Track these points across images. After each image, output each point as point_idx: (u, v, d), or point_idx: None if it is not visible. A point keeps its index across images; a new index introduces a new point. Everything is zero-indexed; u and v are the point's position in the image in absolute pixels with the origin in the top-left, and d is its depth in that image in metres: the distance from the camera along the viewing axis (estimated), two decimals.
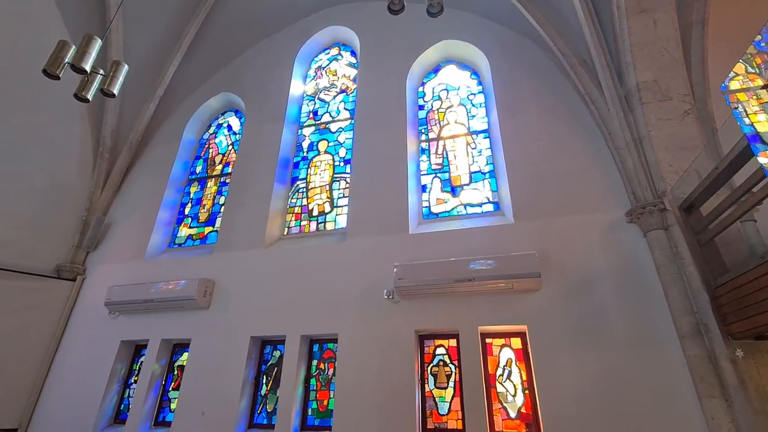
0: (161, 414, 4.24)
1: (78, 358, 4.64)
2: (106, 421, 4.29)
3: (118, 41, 5.45)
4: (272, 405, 3.98)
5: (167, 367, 4.47)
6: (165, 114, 6.22)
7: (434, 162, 4.82)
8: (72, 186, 5.45)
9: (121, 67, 3.71)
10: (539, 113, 4.40)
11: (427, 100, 5.31)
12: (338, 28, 6.16)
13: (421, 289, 3.70)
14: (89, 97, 3.66)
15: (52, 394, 4.52)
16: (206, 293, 4.39)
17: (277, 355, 4.21)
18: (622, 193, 3.72)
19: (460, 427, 3.39)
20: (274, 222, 4.86)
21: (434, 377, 3.67)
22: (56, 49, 3.39)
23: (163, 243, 5.33)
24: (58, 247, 5.19)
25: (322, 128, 5.58)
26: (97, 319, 4.77)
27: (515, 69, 4.78)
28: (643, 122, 3.57)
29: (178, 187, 5.76)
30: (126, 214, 5.57)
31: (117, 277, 4.97)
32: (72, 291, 5.05)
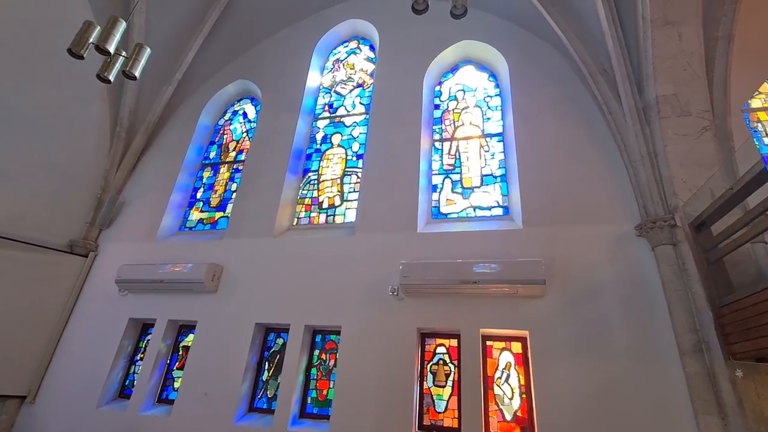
0: (165, 392, 4.36)
1: (86, 332, 4.77)
2: (111, 395, 4.41)
3: (140, 23, 5.50)
4: (273, 391, 4.07)
5: (173, 347, 4.58)
6: (182, 98, 6.29)
7: (446, 162, 4.84)
8: (88, 163, 5.55)
9: (143, 50, 3.78)
10: (555, 120, 4.39)
11: (443, 99, 5.30)
12: (358, 21, 6.15)
13: (425, 288, 3.74)
14: (111, 78, 3.73)
15: (61, 365, 4.65)
16: (214, 277, 4.48)
17: (280, 342, 4.29)
18: (633, 207, 3.71)
19: (456, 425, 3.45)
20: (284, 212, 4.92)
21: (433, 375, 3.72)
22: (81, 29, 3.45)
23: (174, 225, 5.42)
24: (73, 222, 5.31)
25: (337, 121, 5.61)
26: (107, 296, 4.89)
27: (534, 74, 4.76)
28: (660, 136, 3.55)
29: (191, 171, 5.84)
30: (139, 194, 5.66)
31: (128, 255, 5.08)
32: (84, 266, 5.16)
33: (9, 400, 4.48)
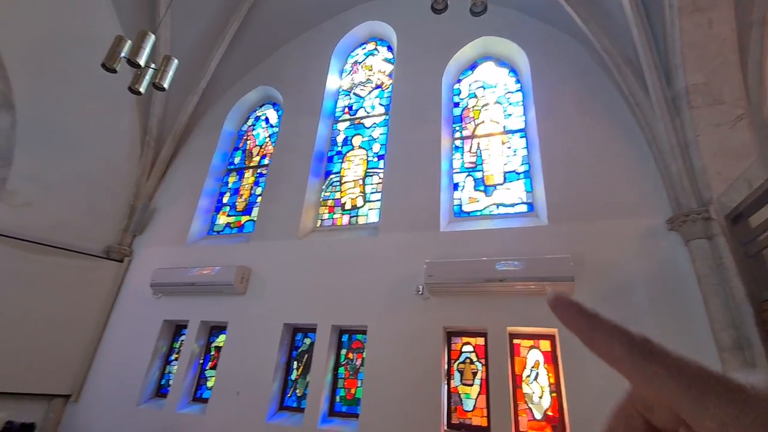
0: (199, 391, 4.51)
1: (124, 334, 4.99)
2: (149, 394, 4.60)
3: (166, 36, 5.70)
4: (302, 390, 4.15)
5: (205, 347, 4.73)
6: (206, 106, 6.48)
7: (468, 160, 4.82)
8: (121, 172, 5.80)
9: (171, 61, 3.92)
10: (579, 113, 4.31)
11: (462, 97, 5.28)
12: (376, 23, 6.19)
13: (450, 287, 3.75)
14: (142, 90, 3.89)
15: (101, 366, 4.88)
16: (243, 280, 4.60)
17: (307, 342, 4.37)
18: (663, 200, 3.61)
19: (485, 424, 3.44)
20: (308, 214, 5.01)
21: (460, 374, 3.72)
22: (113, 44, 3.62)
23: (202, 230, 5.60)
24: (108, 229, 5.56)
25: (357, 123, 5.67)
26: (142, 299, 5.10)
27: (555, 67, 4.68)
28: (691, 127, 3.44)
29: (217, 177, 6.01)
30: (169, 200, 5.87)
31: (160, 260, 5.28)
32: (120, 271, 5.40)
33: (55, 399, 4.73)
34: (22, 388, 4.49)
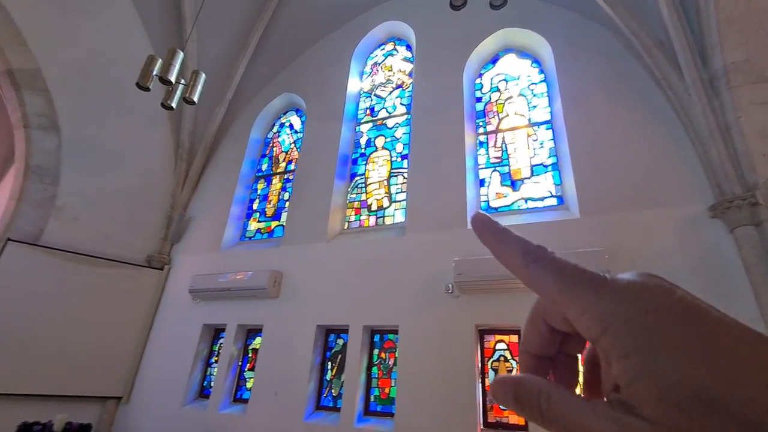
0: (239, 392, 4.68)
1: (167, 338, 5.24)
2: (193, 395, 4.82)
3: (193, 51, 5.93)
4: (337, 389, 4.23)
5: (242, 350, 4.90)
6: (233, 116, 6.69)
7: (493, 155, 4.75)
8: (157, 184, 6.09)
9: (199, 76, 4.07)
10: (608, 101, 4.16)
11: (484, 91, 5.21)
12: (393, 22, 6.20)
13: (481, 284, 3.71)
14: (174, 105, 4.06)
15: (148, 368, 5.15)
16: (275, 283, 4.73)
17: (340, 343, 4.45)
18: (703, 186, 3.43)
19: (523, 422, 3.39)
20: (335, 216, 5.09)
21: (495, 372, 3.69)
22: (146, 64, 3.80)
23: (235, 236, 5.80)
24: (148, 239, 5.85)
25: (379, 124, 5.70)
26: (182, 304, 5.33)
27: (581, 55, 4.54)
28: (732, 107, 3.26)
29: (247, 184, 6.20)
30: (203, 209, 6.11)
31: (197, 266, 5.50)
32: (161, 279, 5.67)
33: (108, 401, 5.03)
34: (79, 391, 4.81)
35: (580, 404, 0.21)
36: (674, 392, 0.18)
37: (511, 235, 0.26)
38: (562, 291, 0.23)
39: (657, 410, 0.18)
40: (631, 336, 0.20)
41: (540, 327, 0.27)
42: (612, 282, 0.22)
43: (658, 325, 0.19)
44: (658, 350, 0.19)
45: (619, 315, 0.20)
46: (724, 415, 0.17)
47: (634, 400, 0.19)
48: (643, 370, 0.19)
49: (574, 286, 0.22)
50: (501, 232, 0.26)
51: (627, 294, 0.21)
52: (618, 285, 0.21)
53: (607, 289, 0.21)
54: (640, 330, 0.20)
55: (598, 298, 0.21)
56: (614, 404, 0.20)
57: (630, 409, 0.19)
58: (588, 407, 0.21)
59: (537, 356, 0.28)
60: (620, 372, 0.20)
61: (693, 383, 0.18)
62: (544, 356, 0.28)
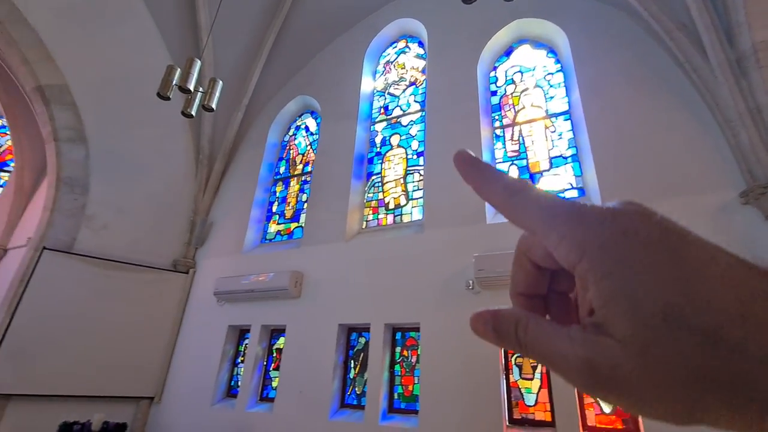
0: (265, 391, 4.78)
1: (195, 339, 5.39)
2: (221, 394, 4.94)
3: (210, 59, 6.07)
4: (360, 388, 4.26)
5: (267, 350, 5.00)
6: (250, 121, 6.82)
7: (510, 149, 4.69)
8: (180, 191, 6.26)
9: (217, 83, 4.17)
10: (629, 88, 4.04)
11: (499, 85, 5.14)
12: (404, 20, 6.19)
13: (502, 280, 3.66)
14: (193, 113, 4.17)
15: (178, 370, 5.32)
16: (297, 284, 4.80)
17: (362, 341, 4.48)
18: (733, 172, 3.29)
19: (549, 419, 3.34)
20: (353, 216, 5.12)
21: (519, 368, 3.64)
22: (165, 74, 3.91)
23: (256, 239, 5.91)
24: (174, 244, 6.02)
25: (394, 122, 5.70)
26: (208, 307, 5.48)
27: (598, 42, 4.42)
28: (763, 88, 3.11)
29: (265, 187, 6.31)
30: (224, 213, 6.26)
31: (221, 269, 5.64)
32: (186, 282, 5.84)
33: (141, 401, 5.22)
34: (114, 391, 5.00)
35: (554, 330, 0.22)
36: (644, 310, 0.18)
37: (492, 170, 0.26)
38: (542, 220, 0.23)
39: (627, 328, 0.19)
40: (608, 259, 0.20)
41: (525, 265, 0.28)
42: (591, 209, 0.22)
43: (634, 247, 0.20)
44: (632, 271, 0.19)
45: (597, 239, 0.21)
46: (690, 329, 0.18)
47: (606, 321, 0.20)
48: (616, 291, 0.19)
49: (554, 215, 0.23)
50: (483, 168, 0.26)
51: (605, 219, 0.21)
52: (597, 211, 0.22)
53: (585, 216, 0.22)
54: (616, 253, 0.20)
55: (576, 225, 0.22)
56: (587, 327, 0.21)
57: (602, 330, 0.20)
58: (562, 332, 0.22)
59: (528, 296, 0.28)
60: (595, 295, 0.20)
61: (663, 301, 0.18)
62: (536, 295, 0.28)
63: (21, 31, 5.11)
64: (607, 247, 0.20)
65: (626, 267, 0.19)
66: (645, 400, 0.19)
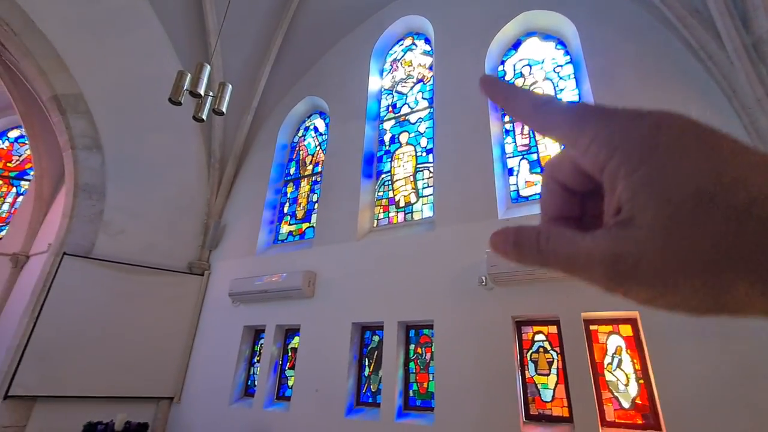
0: (281, 390, 4.83)
1: (212, 340, 5.48)
2: (239, 394, 5.02)
3: (219, 63, 6.14)
4: (375, 385, 4.28)
5: (282, 349, 5.05)
6: (260, 124, 6.88)
7: (520, 143, 4.64)
8: (193, 194, 6.37)
9: (226, 87, 4.21)
10: (641, 78, 3.96)
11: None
12: (410, 17, 6.17)
13: (515, 275, 3.64)
14: (204, 117, 4.23)
15: (196, 370, 5.41)
16: (310, 284, 4.84)
17: (376, 339, 4.50)
18: None
19: (566, 414, 3.31)
20: (364, 215, 5.14)
21: (534, 364, 3.61)
22: (176, 79, 3.96)
23: (268, 240, 5.97)
24: (188, 247, 6.13)
25: (402, 120, 5.69)
26: (223, 308, 5.56)
27: (608, 32, 4.34)
28: None
29: (276, 189, 6.37)
30: (237, 216, 6.34)
31: (235, 271, 5.71)
32: (202, 284, 5.94)
33: (161, 401, 5.33)
34: (135, 392, 5.12)
35: (577, 235, 0.22)
36: (675, 195, 0.18)
37: (519, 88, 0.26)
38: (571, 124, 0.23)
39: (656, 215, 0.19)
40: (640, 151, 0.20)
41: (554, 188, 0.27)
42: (621, 109, 0.22)
43: (667, 137, 0.20)
44: (664, 159, 0.19)
45: (629, 134, 0.21)
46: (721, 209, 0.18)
47: (633, 212, 0.20)
48: (647, 180, 0.19)
49: (583, 118, 0.23)
50: (509, 87, 0.27)
51: (636, 116, 0.21)
52: (628, 110, 0.22)
53: (616, 115, 0.22)
54: (649, 144, 0.20)
55: (607, 124, 0.22)
56: (611, 226, 0.21)
57: (628, 224, 0.20)
58: (585, 236, 0.22)
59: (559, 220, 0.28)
60: (625, 188, 0.20)
61: (695, 185, 0.18)
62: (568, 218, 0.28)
63: (36, 42, 5.24)
64: (640, 140, 0.20)
65: (659, 156, 0.19)
66: (671, 288, 0.19)
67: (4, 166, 8.81)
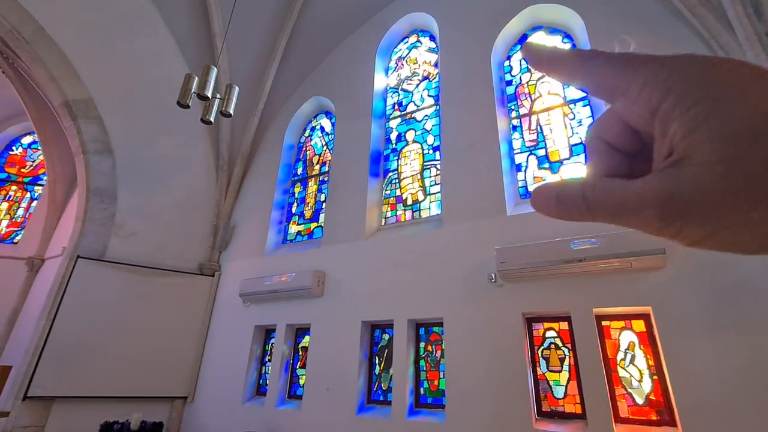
0: (293, 388, 4.87)
1: (223, 340, 5.54)
2: (251, 393, 5.07)
3: (225, 66, 6.19)
4: (386, 383, 4.29)
5: (293, 348, 5.09)
6: (266, 125, 6.92)
7: (528, 139, 4.60)
8: (203, 196, 6.43)
9: (233, 89, 4.24)
10: None
11: (514, 74, 5.05)
12: (414, 14, 6.15)
13: (525, 272, 3.62)
14: (212, 120, 4.26)
15: (208, 370, 5.48)
16: (319, 283, 4.87)
17: (386, 338, 4.50)
18: None
19: (579, 411, 3.29)
20: (371, 214, 5.14)
21: (546, 360, 3.59)
22: (184, 82, 4.00)
23: (277, 240, 6.01)
24: (199, 248, 6.19)
25: (408, 118, 5.68)
26: (234, 308, 5.61)
27: (616, 24, 4.28)
28: None
29: (284, 189, 6.41)
30: (245, 217, 6.39)
31: (244, 271, 5.76)
32: (212, 285, 6.00)
33: (175, 401, 5.41)
34: (150, 392, 5.20)
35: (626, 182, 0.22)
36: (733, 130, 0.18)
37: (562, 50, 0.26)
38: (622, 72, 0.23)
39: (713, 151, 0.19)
40: (696, 88, 0.20)
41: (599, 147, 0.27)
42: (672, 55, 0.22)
43: (723, 74, 0.20)
44: (722, 95, 0.19)
45: (684, 73, 0.21)
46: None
47: (688, 150, 0.19)
48: (704, 116, 0.19)
49: (635, 63, 0.22)
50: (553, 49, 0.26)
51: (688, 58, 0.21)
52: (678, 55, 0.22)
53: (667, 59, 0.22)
54: (704, 82, 0.20)
55: (659, 68, 0.21)
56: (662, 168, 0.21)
57: (682, 163, 0.20)
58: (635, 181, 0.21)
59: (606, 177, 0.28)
60: (680, 127, 0.20)
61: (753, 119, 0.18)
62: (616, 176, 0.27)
63: (47, 49, 5.33)
64: (696, 77, 0.20)
65: (716, 92, 0.19)
66: (726, 225, 0.19)
67: (18, 172, 8.99)
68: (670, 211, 0.20)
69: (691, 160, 0.19)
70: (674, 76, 0.21)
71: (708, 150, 0.19)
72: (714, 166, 0.18)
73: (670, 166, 0.20)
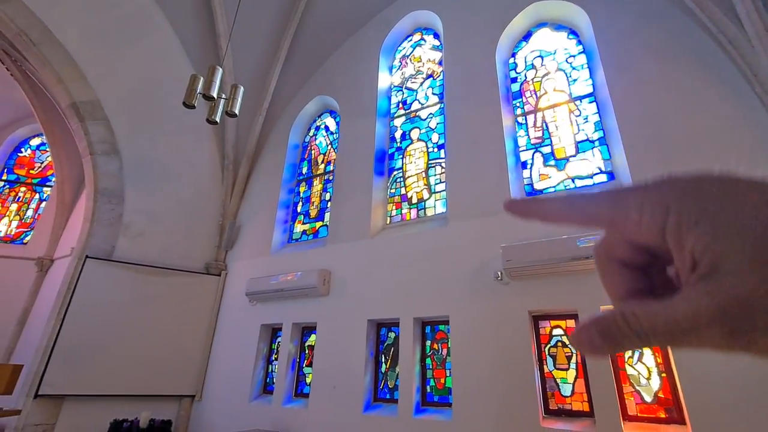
0: (299, 387, 4.89)
1: (230, 339, 5.57)
2: (258, 391, 5.10)
3: (230, 66, 6.21)
4: (392, 381, 4.30)
5: (299, 347, 5.11)
6: (271, 124, 6.94)
7: (533, 136, 4.58)
8: (208, 196, 6.47)
9: (238, 89, 4.26)
10: (657, 66, 3.87)
11: (519, 71, 5.02)
12: (418, 12, 6.14)
13: (531, 270, 3.60)
14: (218, 120, 4.29)
15: (215, 368, 5.52)
16: (325, 282, 4.88)
17: (392, 336, 4.51)
18: None
19: (587, 409, 3.27)
20: (376, 212, 5.15)
21: (553, 358, 3.58)
22: (189, 83, 4.03)
23: (283, 239, 6.04)
24: (205, 248, 6.23)
25: (413, 116, 5.68)
26: (240, 307, 5.65)
27: (622, 19, 4.24)
28: None
29: (289, 188, 6.43)
30: (251, 216, 6.42)
31: (251, 271, 5.79)
32: (219, 284, 6.04)
33: (183, 399, 5.45)
34: (158, 390, 5.25)
35: (666, 303, 0.21)
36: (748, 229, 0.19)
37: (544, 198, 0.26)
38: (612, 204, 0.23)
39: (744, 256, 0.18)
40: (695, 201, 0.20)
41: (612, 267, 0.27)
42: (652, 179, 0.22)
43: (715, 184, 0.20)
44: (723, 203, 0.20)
45: (676, 191, 0.21)
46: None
47: (715, 261, 0.19)
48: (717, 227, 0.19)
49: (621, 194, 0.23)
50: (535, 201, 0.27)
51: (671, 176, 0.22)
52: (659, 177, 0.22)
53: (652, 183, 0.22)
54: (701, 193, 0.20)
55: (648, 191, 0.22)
56: (696, 282, 0.20)
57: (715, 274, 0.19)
58: (675, 300, 0.21)
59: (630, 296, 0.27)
60: (696, 242, 0.20)
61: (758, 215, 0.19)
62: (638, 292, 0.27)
63: (54, 51, 5.39)
64: (690, 191, 0.21)
65: (716, 202, 0.20)
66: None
67: (27, 174, 9.10)
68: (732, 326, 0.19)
69: (722, 269, 0.19)
70: (667, 194, 0.21)
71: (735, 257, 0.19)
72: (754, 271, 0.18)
73: (702, 279, 0.20)
